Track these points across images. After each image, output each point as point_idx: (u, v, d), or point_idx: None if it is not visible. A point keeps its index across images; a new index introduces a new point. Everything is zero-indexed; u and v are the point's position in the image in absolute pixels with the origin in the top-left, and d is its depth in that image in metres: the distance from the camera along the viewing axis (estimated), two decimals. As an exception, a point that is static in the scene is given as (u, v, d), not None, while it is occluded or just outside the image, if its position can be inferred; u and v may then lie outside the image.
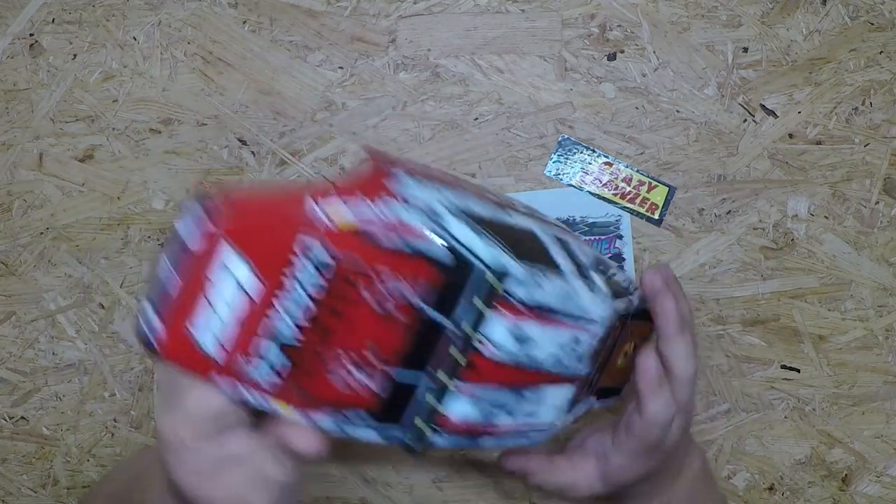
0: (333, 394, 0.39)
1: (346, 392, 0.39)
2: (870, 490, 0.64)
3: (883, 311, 0.64)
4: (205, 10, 0.64)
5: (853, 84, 0.63)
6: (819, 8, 0.63)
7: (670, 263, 0.63)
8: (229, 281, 0.36)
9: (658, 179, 0.63)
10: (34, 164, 0.64)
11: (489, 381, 0.41)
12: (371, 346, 0.38)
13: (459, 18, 0.63)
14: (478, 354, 0.40)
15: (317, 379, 0.38)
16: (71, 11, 0.64)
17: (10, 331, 0.65)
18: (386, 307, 0.38)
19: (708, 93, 0.63)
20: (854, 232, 0.63)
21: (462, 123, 0.63)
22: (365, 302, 0.37)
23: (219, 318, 0.36)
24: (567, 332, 0.42)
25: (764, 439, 0.64)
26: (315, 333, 0.37)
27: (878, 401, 0.64)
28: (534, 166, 0.63)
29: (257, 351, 0.37)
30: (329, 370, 0.38)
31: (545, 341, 0.41)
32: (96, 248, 0.64)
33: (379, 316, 0.38)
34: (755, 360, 0.64)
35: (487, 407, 0.41)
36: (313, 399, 0.38)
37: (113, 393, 0.65)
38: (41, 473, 0.65)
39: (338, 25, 0.63)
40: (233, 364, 0.37)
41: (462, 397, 0.40)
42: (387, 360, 0.39)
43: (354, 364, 0.38)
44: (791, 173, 0.63)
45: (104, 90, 0.64)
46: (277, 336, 0.37)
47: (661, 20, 0.63)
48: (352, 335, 0.38)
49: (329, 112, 0.63)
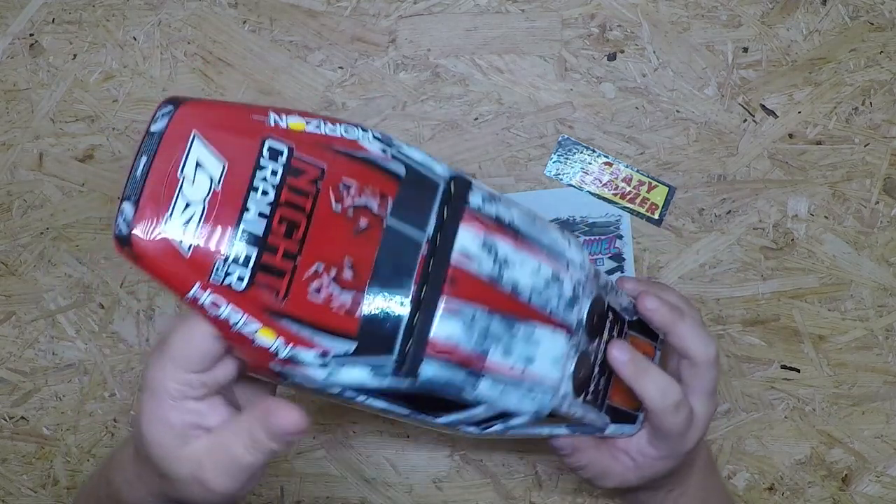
0: (313, 311, 0.38)
1: (326, 309, 0.39)
2: (870, 490, 0.64)
3: (883, 311, 0.64)
4: (205, 10, 0.64)
5: (853, 84, 0.63)
6: (819, 8, 0.63)
7: (670, 263, 0.63)
8: (202, 177, 0.37)
9: (658, 179, 0.63)
10: (34, 164, 0.64)
11: (473, 298, 0.41)
12: (348, 263, 0.39)
13: (459, 18, 0.63)
14: (456, 269, 0.40)
15: (296, 294, 0.38)
16: (71, 11, 0.64)
17: (10, 331, 0.65)
18: (353, 217, 0.39)
19: (708, 93, 0.63)
20: (854, 232, 0.63)
21: (462, 123, 0.63)
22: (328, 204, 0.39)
23: (192, 215, 0.37)
24: (545, 265, 0.43)
25: (764, 439, 0.64)
26: (286, 234, 0.38)
27: (878, 401, 0.64)
28: (534, 166, 0.63)
29: (230, 249, 0.37)
30: (308, 285, 0.38)
31: (522, 266, 0.42)
32: (96, 248, 0.64)
33: (349, 228, 0.39)
34: (755, 360, 0.64)
35: (477, 332, 0.41)
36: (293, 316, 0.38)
37: (113, 393, 0.65)
38: (41, 473, 0.65)
39: (338, 25, 0.63)
40: (206, 263, 0.37)
41: (449, 316, 0.40)
42: (364, 279, 0.39)
43: (333, 280, 0.39)
44: (791, 173, 0.63)
45: (104, 90, 0.64)
46: (249, 232, 0.37)
47: (661, 20, 0.63)
48: (326, 246, 0.39)
49: (329, 112, 0.63)
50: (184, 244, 0.36)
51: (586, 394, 0.47)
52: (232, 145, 0.38)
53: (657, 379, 0.47)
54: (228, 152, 0.38)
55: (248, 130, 0.38)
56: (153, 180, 0.36)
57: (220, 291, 0.37)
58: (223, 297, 0.37)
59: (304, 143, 0.39)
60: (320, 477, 0.64)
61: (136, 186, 0.36)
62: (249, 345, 0.38)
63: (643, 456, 0.50)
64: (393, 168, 0.41)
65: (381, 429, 0.64)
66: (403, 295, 0.40)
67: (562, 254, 0.44)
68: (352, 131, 0.40)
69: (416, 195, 0.41)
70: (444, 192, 0.42)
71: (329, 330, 0.39)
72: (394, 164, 0.41)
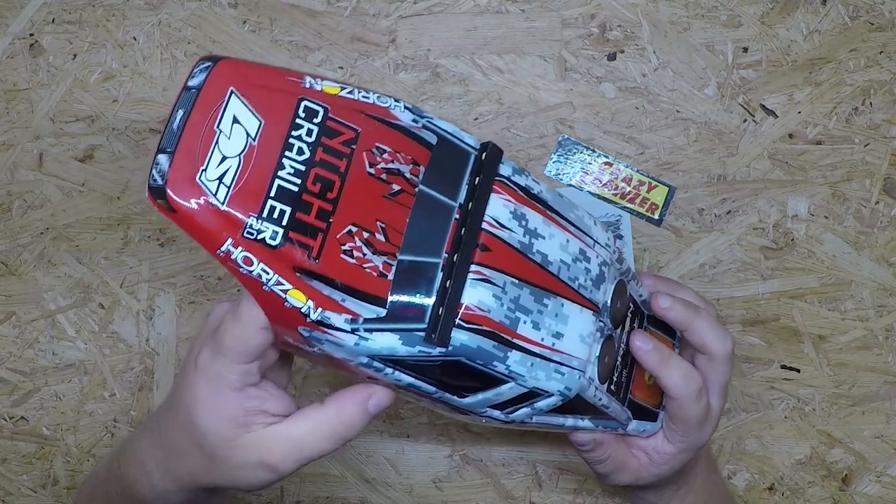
0: (344, 272, 0.38)
1: (358, 272, 0.38)
2: (870, 490, 0.64)
3: (883, 311, 0.64)
4: (205, 10, 0.64)
5: (853, 84, 0.63)
6: (819, 8, 0.63)
7: (670, 263, 0.63)
8: (239, 131, 0.37)
9: (658, 179, 0.63)
10: (34, 164, 0.64)
11: (504, 267, 0.41)
12: (381, 227, 0.39)
13: (459, 18, 0.63)
14: (488, 235, 0.40)
15: (328, 254, 0.38)
16: (71, 11, 0.64)
17: (10, 331, 0.65)
18: (382, 176, 0.39)
19: (708, 93, 0.63)
20: (854, 232, 0.63)
21: (462, 123, 0.63)
22: (362, 166, 0.39)
23: (227, 168, 0.37)
24: (573, 240, 0.44)
25: (764, 439, 0.64)
26: (319, 194, 0.38)
27: (878, 401, 0.64)
28: (534, 166, 0.63)
29: (265, 204, 0.37)
30: (340, 246, 0.38)
31: (551, 239, 0.42)
32: (96, 248, 0.64)
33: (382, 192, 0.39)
34: (755, 360, 0.64)
35: (508, 302, 0.40)
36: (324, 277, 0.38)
37: (113, 393, 0.65)
38: (41, 473, 0.65)
39: (338, 25, 0.63)
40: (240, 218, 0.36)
41: (480, 283, 0.40)
42: (396, 243, 0.39)
43: (365, 242, 0.39)
44: (791, 173, 0.63)
45: (104, 90, 0.64)
46: (284, 188, 0.37)
47: (661, 20, 0.63)
48: (359, 208, 0.39)
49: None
50: (218, 197, 0.36)
51: (610, 382, 0.47)
52: (268, 103, 0.38)
53: (681, 366, 0.47)
54: (265, 109, 0.38)
55: (285, 90, 0.38)
56: (189, 133, 0.36)
57: (252, 247, 0.37)
58: (255, 254, 0.37)
59: (338, 106, 0.39)
60: (320, 477, 0.64)
61: (172, 138, 0.36)
62: (281, 305, 0.37)
63: (659, 452, 0.51)
64: (425, 137, 0.41)
65: (381, 429, 0.64)
66: (435, 260, 0.40)
67: (588, 231, 0.45)
68: (384, 100, 0.41)
69: (447, 163, 0.41)
70: (475, 161, 0.42)
71: (360, 293, 0.38)
72: (425, 134, 0.41)
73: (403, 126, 0.41)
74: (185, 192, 0.36)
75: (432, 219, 0.40)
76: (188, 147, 0.36)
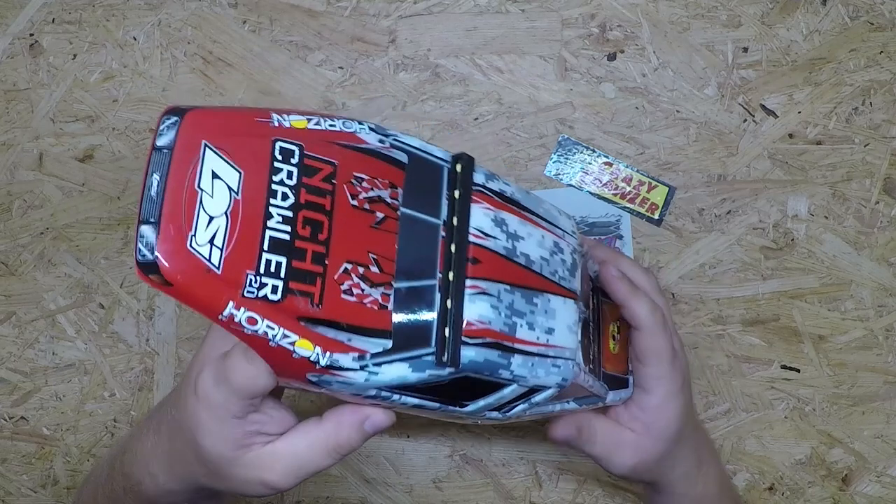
0: (347, 312, 0.38)
1: (360, 308, 0.38)
2: (870, 490, 0.64)
3: (883, 311, 0.64)
4: (205, 10, 0.64)
5: (853, 84, 0.63)
6: (819, 8, 0.63)
7: (670, 263, 0.63)
8: (220, 187, 0.36)
9: (658, 179, 0.63)
10: (34, 164, 0.64)
11: (495, 276, 0.41)
12: (373, 258, 0.39)
13: (459, 18, 0.63)
14: (476, 247, 0.40)
15: (329, 297, 0.37)
16: (71, 11, 0.64)
17: (10, 331, 0.65)
18: (370, 211, 0.39)
19: (708, 93, 0.63)
20: (854, 232, 0.63)
21: (462, 123, 0.63)
22: (345, 200, 0.38)
23: (217, 229, 0.35)
24: (547, 235, 0.44)
25: (764, 439, 0.64)
26: (311, 237, 0.37)
27: (878, 401, 0.64)
28: (534, 166, 0.63)
29: (261, 258, 0.36)
30: (339, 286, 0.38)
31: (530, 238, 0.43)
32: (96, 248, 0.64)
33: (368, 223, 0.39)
34: (755, 360, 0.64)
35: (504, 310, 0.40)
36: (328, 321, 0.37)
37: (113, 393, 0.65)
38: (41, 473, 0.65)
39: (338, 25, 0.63)
40: (239, 278, 0.35)
41: (477, 297, 0.40)
42: (390, 272, 0.39)
43: (361, 277, 0.38)
44: (791, 173, 0.63)
45: (104, 90, 0.64)
46: (276, 239, 0.36)
47: (661, 20, 0.63)
48: (350, 244, 0.38)
49: (329, 112, 0.63)
50: (213, 261, 0.35)
51: (588, 361, 0.48)
52: (243, 151, 0.37)
53: (645, 298, 0.49)
54: (241, 159, 0.37)
55: (256, 133, 0.38)
56: (171, 198, 0.35)
57: (254, 306, 0.35)
58: (259, 312, 0.35)
59: (310, 141, 0.39)
60: (320, 477, 0.64)
61: (153, 207, 0.34)
62: (289, 357, 0.37)
63: (644, 409, 0.50)
64: (396, 156, 0.41)
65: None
66: (431, 282, 0.40)
67: (557, 223, 0.45)
68: (349, 125, 0.40)
69: (423, 180, 0.41)
70: (450, 174, 0.42)
71: (364, 330, 0.38)
72: (395, 153, 0.41)
73: (373, 149, 0.41)
74: (178, 262, 0.34)
75: (420, 240, 0.40)
76: (172, 213, 0.35)
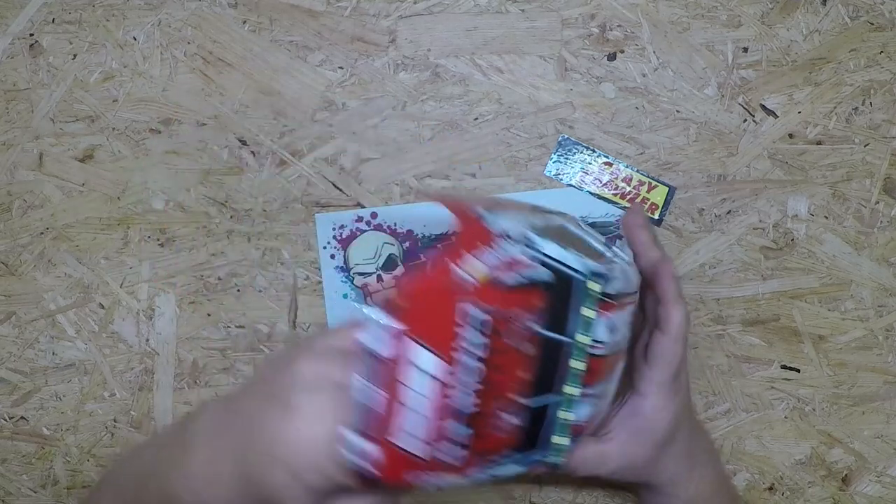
0: (494, 443, 0.40)
1: (503, 437, 0.40)
2: (870, 490, 0.64)
3: (883, 311, 0.64)
4: (205, 10, 0.64)
5: (853, 84, 0.63)
6: (819, 8, 0.63)
7: (670, 263, 0.63)
8: (420, 377, 0.37)
9: (658, 179, 0.63)
10: (34, 164, 0.64)
11: (601, 378, 0.43)
12: (516, 388, 0.40)
13: (459, 18, 0.63)
14: (592, 358, 0.42)
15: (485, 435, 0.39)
16: (71, 11, 0.64)
17: (10, 331, 0.65)
18: (523, 346, 0.39)
19: (708, 93, 0.63)
20: (854, 232, 0.63)
21: (462, 123, 0.63)
22: (511, 347, 0.39)
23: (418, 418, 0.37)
24: (630, 310, 0.45)
25: (764, 439, 0.64)
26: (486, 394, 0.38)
27: (878, 401, 0.64)
28: (534, 166, 0.63)
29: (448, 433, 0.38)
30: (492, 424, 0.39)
31: (623, 325, 0.44)
32: (96, 248, 0.64)
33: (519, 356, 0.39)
34: (755, 360, 0.64)
35: (595, 400, 0.43)
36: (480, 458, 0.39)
37: (113, 393, 0.65)
38: (41, 473, 0.65)
39: (338, 25, 0.63)
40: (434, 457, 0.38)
41: (586, 402, 0.42)
42: (525, 394, 0.40)
43: (505, 410, 0.40)
44: (791, 173, 0.63)
45: (104, 90, 0.64)
46: (461, 410, 0.38)
47: (661, 20, 0.63)
48: (506, 385, 0.39)
49: (329, 112, 0.63)
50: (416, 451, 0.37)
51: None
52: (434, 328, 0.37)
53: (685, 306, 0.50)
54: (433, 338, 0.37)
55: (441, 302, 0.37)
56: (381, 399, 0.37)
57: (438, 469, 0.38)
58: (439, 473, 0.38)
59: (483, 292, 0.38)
60: (320, 477, 0.64)
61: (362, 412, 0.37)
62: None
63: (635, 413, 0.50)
64: (542, 277, 0.40)
65: (381, 429, 0.64)
66: (555, 396, 0.41)
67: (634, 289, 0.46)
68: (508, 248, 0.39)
69: (561, 299, 0.41)
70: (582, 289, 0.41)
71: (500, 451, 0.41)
72: (542, 272, 0.40)
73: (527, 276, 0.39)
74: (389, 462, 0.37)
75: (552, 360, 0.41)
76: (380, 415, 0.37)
